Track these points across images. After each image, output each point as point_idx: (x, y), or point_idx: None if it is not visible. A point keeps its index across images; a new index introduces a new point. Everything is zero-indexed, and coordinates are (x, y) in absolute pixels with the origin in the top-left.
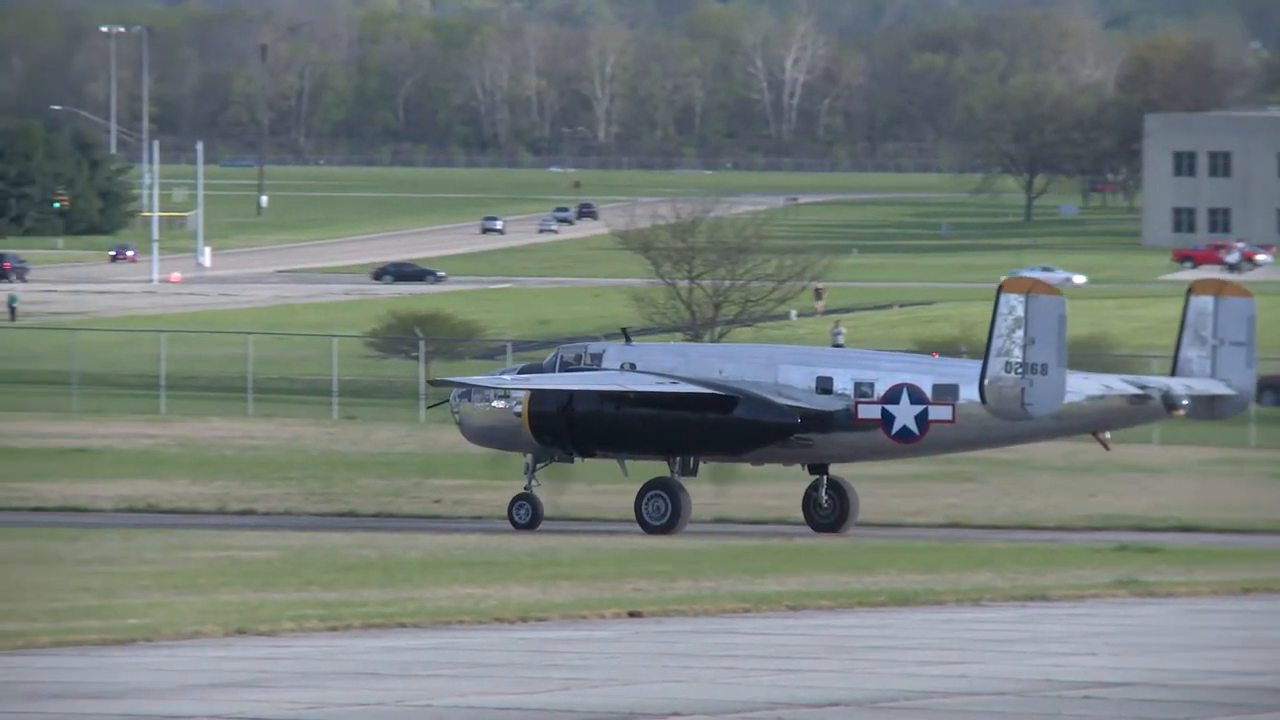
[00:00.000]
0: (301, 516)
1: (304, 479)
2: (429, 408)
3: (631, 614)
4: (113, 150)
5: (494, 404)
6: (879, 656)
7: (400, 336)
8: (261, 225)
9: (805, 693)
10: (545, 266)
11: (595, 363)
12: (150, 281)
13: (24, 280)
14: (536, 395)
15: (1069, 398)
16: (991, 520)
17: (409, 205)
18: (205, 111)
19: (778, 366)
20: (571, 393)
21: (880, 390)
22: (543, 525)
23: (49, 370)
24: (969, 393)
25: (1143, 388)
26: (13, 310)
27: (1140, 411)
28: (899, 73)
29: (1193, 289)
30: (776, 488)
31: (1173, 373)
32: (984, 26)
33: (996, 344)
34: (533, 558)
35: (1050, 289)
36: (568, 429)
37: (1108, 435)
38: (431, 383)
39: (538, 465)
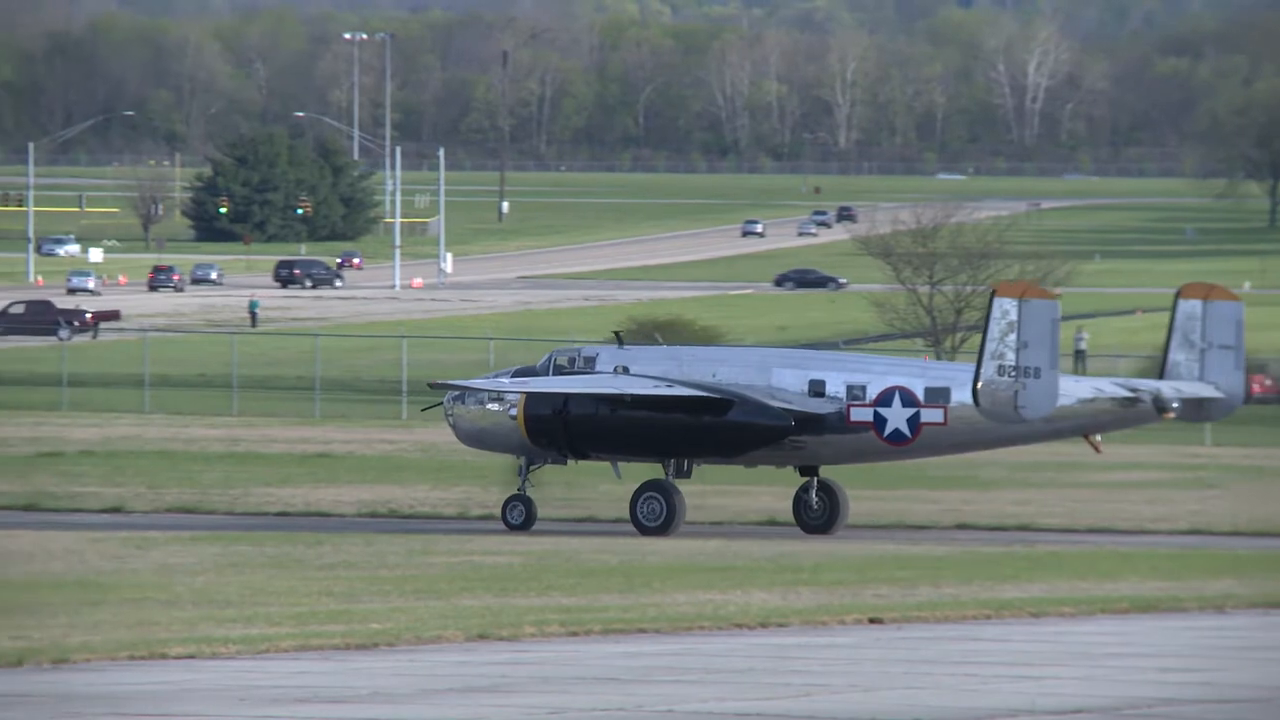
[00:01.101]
0: (542, 522)
1: (545, 484)
2: (423, 410)
3: (872, 620)
4: (355, 156)
5: (488, 406)
6: (1121, 663)
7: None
8: (502, 231)
9: (1047, 700)
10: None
11: (588, 366)
12: (392, 287)
13: (334, 286)
14: (533, 398)
15: (1060, 400)
16: (1234, 527)
17: (649, 211)
18: (447, 118)
19: (771, 369)
20: (568, 396)
21: (872, 393)
22: (536, 525)
23: (292, 375)
24: (960, 395)
25: (1133, 390)
26: (254, 316)
27: (1131, 414)
28: (1142, 77)
29: (1181, 293)
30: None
31: (1161, 375)
32: (1228, 30)
33: (990, 347)
34: (773, 563)
35: (1044, 293)
36: (564, 431)
37: (1099, 438)
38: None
39: (530, 467)
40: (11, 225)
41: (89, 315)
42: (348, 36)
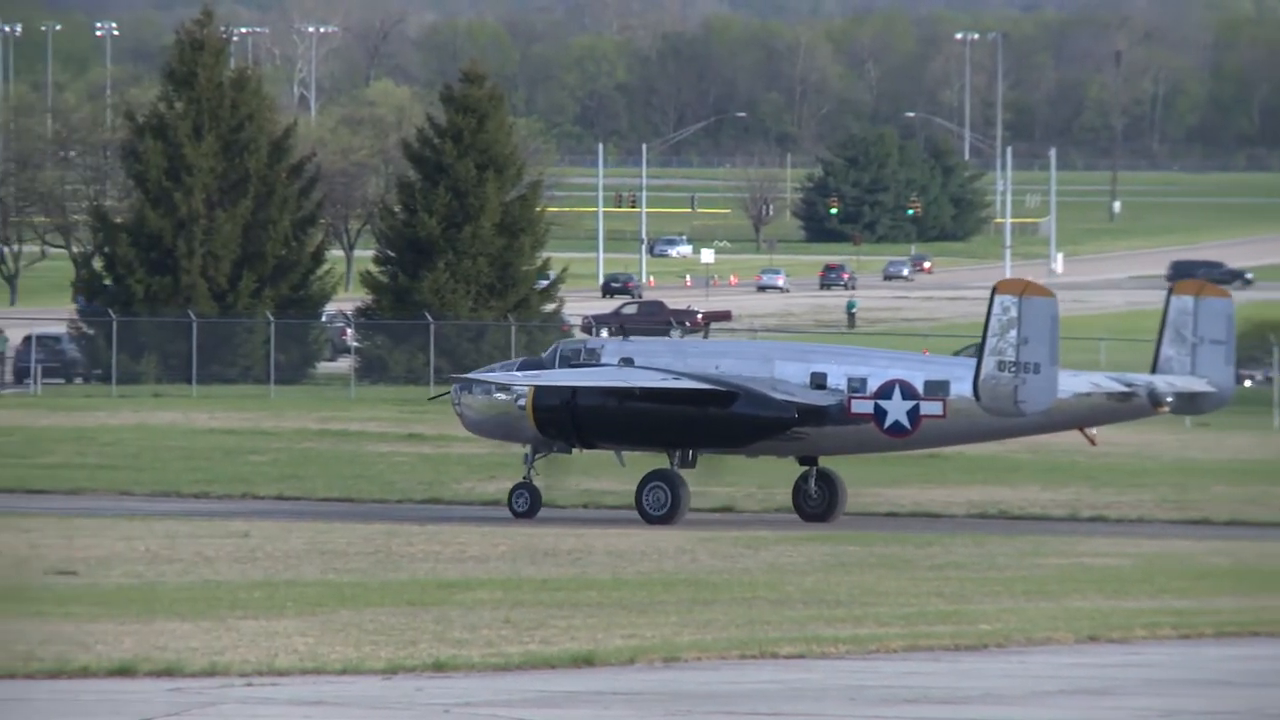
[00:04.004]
0: (1153, 524)
1: (1156, 485)
2: (429, 400)
3: None
4: (965, 157)
5: (496, 396)
6: None
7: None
8: (1114, 231)
9: None
10: None
11: (593, 358)
12: None
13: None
14: (542, 390)
15: (1058, 394)
16: None
17: (1262, 211)
18: (1059, 117)
19: (773, 361)
20: (576, 388)
21: (873, 385)
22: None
23: None
24: (959, 388)
25: (1129, 385)
26: (851, 316)
27: (1126, 408)
28: None
29: (1174, 289)
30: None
31: (1153, 370)
32: None
33: (991, 343)
34: None
35: (1043, 290)
36: (572, 422)
37: (1094, 431)
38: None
39: (536, 456)
40: (624, 226)
41: (700, 315)
42: (959, 36)
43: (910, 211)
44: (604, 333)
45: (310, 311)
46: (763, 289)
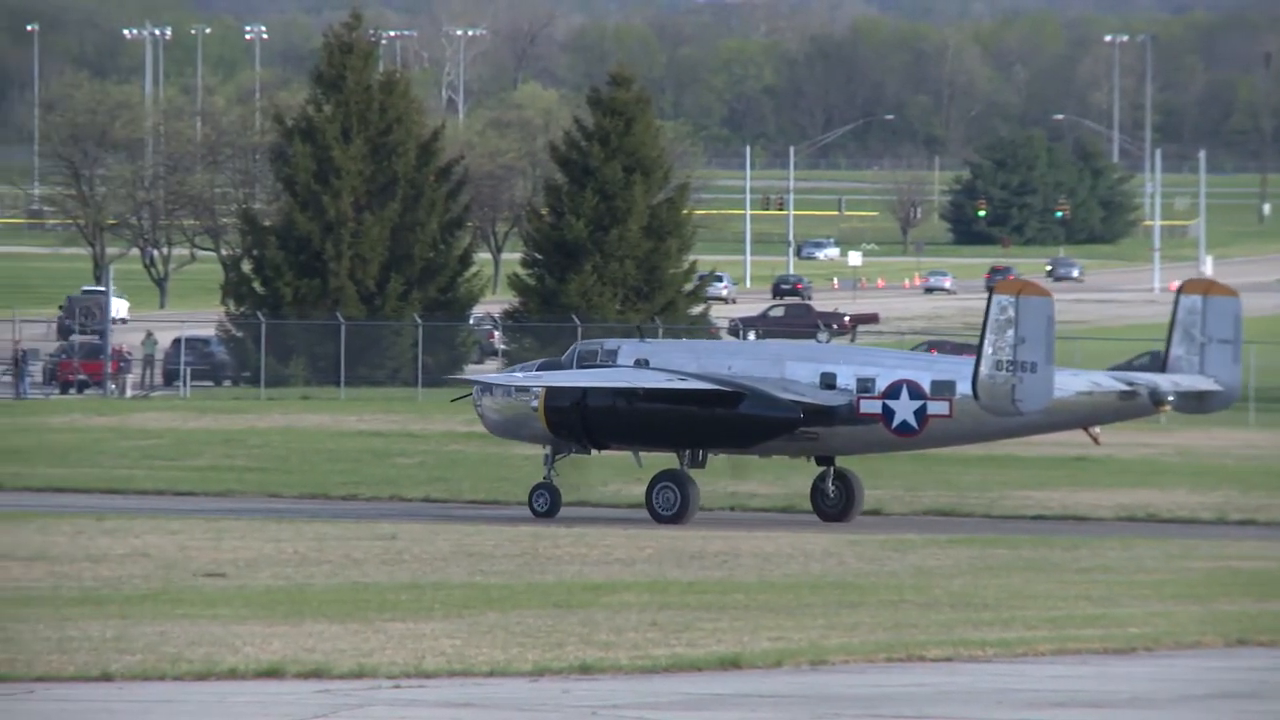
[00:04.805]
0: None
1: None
2: (451, 401)
3: None
4: (1114, 159)
5: (513, 398)
6: None
7: None
8: (1263, 234)
9: None
10: None
11: (610, 359)
12: (1151, 291)
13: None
14: (552, 391)
15: (1058, 394)
16: None
17: None
18: (1208, 119)
19: (784, 362)
20: (585, 389)
21: (881, 386)
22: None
23: None
24: (965, 388)
25: (1130, 384)
26: None
27: (1129, 407)
28: None
29: (1183, 288)
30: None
31: (1163, 369)
32: None
33: (988, 343)
34: None
35: (1040, 290)
36: (581, 423)
37: (1098, 430)
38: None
39: (556, 457)
40: (772, 229)
41: (847, 318)
42: (1108, 39)
43: (1059, 214)
44: (750, 335)
45: (458, 314)
46: (929, 290)
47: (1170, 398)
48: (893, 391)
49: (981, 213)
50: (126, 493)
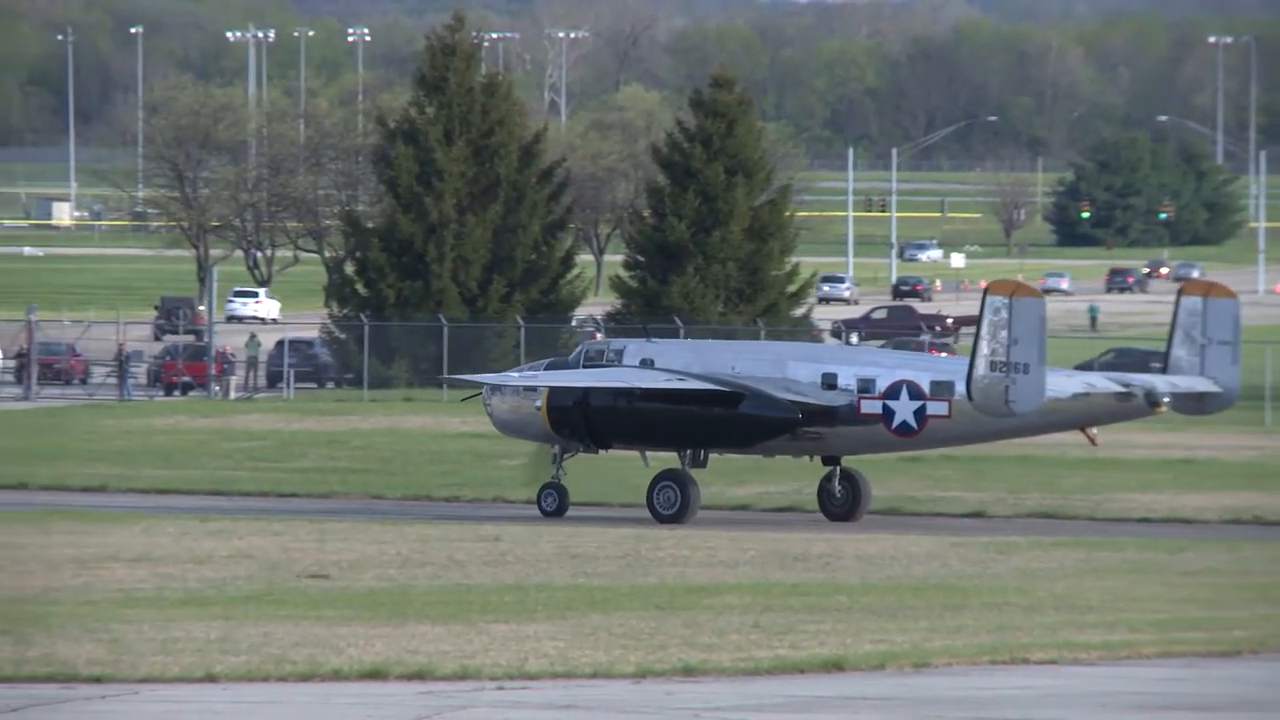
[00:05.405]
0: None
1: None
2: (462, 400)
3: None
4: (1218, 161)
5: (518, 397)
6: None
7: None
8: None
9: None
10: None
11: (617, 359)
12: (1254, 293)
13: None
14: (555, 391)
15: (1054, 395)
16: None
17: None
18: None
19: (786, 363)
20: (587, 389)
21: (881, 386)
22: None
23: None
24: (963, 389)
25: (1126, 386)
26: (1094, 321)
27: (1125, 408)
28: None
29: (1183, 290)
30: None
31: (1165, 370)
32: None
33: (982, 344)
34: None
35: (1032, 292)
36: (583, 423)
37: (1095, 430)
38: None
39: (564, 456)
40: (874, 230)
41: (950, 320)
42: (1211, 40)
43: (1163, 216)
44: (854, 338)
45: (560, 316)
46: (1047, 291)
47: (1166, 399)
48: (893, 392)
49: (1085, 215)
50: (230, 494)
